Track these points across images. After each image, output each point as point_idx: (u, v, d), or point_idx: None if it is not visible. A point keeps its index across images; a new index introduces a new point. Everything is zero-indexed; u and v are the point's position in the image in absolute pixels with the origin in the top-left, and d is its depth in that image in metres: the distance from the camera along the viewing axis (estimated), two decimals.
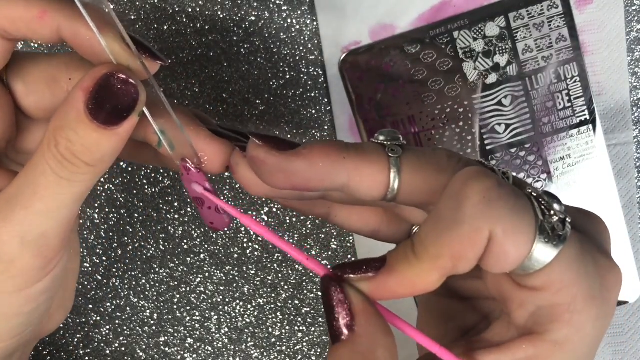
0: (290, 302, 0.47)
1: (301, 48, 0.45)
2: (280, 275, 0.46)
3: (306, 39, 0.45)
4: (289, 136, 0.46)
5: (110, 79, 0.24)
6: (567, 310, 0.23)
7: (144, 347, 0.47)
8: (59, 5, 0.25)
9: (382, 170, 0.24)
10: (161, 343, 0.47)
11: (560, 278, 0.23)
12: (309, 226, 0.46)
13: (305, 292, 0.47)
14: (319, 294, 0.47)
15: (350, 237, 0.46)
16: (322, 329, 0.47)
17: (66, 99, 0.24)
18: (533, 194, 0.24)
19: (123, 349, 0.47)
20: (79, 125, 0.24)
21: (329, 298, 0.24)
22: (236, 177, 0.26)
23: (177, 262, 0.46)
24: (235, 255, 0.46)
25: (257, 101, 0.45)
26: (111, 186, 0.46)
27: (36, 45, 0.45)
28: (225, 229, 0.46)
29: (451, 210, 0.22)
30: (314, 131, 0.45)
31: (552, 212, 0.23)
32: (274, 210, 0.46)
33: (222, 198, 0.46)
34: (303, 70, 0.45)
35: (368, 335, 0.23)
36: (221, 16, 0.44)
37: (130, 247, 0.46)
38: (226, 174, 0.39)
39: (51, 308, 0.30)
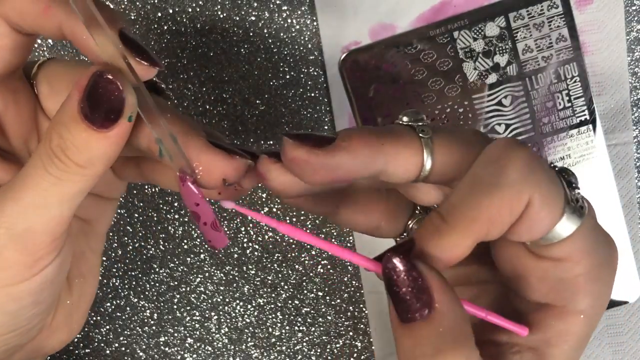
0: (290, 302, 0.47)
1: (301, 48, 0.45)
2: (280, 275, 0.46)
3: (306, 39, 0.45)
4: None
5: (99, 79, 0.23)
6: (587, 279, 0.24)
7: (144, 347, 0.47)
8: (62, 2, 0.25)
9: (417, 152, 0.24)
10: (161, 343, 0.47)
11: (580, 248, 0.24)
12: (309, 226, 0.46)
13: (305, 292, 0.47)
14: (319, 294, 0.47)
15: (350, 237, 0.46)
16: (322, 329, 0.47)
17: (66, 97, 0.24)
18: (556, 167, 0.25)
19: (123, 349, 0.47)
20: (72, 123, 0.23)
21: (400, 276, 0.23)
22: (270, 184, 0.25)
23: (177, 262, 0.46)
24: (235, 255, 0.46)
25: (257, 101, 0.45)
26: None
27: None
28: (226, 236, 0.46)
29: (492, 174, 0.23)
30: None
31: (574, 186, 0.24)
32: (274, 210, 0.46)
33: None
34: (303, 70, 0.45)
35: (451, 310, 0.22)
36: (221, 16, 0.44)
37: (130, 247, 0.46)
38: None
39: (48, 322, 0.30)
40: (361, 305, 0.46)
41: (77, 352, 0.47)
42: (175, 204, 0.46)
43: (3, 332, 0.27)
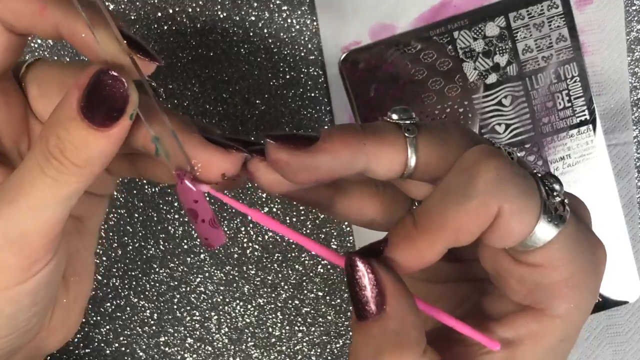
0: (290, 302, 0.47)
1: (301, 48, 0.45)
2: (280, 275, 0.46)
3: (306, 39, 0.45)
4: None
5: (102, 77, 0.23)
6: (565, 285, 0.24)
7: (144, 347, 0.47)
8: (59, 1, 0.25)
9: (401, 151, 0.24)
10: (161, 343, 0.47)
11: (558, 256, 0.24)
12: (309, 226, 0.46)
13: (305, 292, 0.47)
14: (319, 294, 0.47)
15: (350, 237, 0.46)
16: (322, 329, 0.47)
17: (63, 97, 0.24)
18: (538, 174, 0.25)
19: (123, 349, 0.47)
20: (70, 122, 0.23)
21: (357, 275, 0.24)
22: (258, 182, 0.26)
23: (177, 262, 0.46)
24: (235, 255, 0.46)
25: (257, 101, 0.45)
26: None
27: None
28: (224, 231, 0.46)
29: (462, 184, 0.23)
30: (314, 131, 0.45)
31: (555, 193, 0.24)
32: (274, 210, 0.46)
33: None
34: (303, 70, 0.45)
35: (399, 314, 0.23)
36: (221, 16, 0.44)
37: (130, 247, 0.46)
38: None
39: (46, 322, 0.30)
40: None
41: (77, 352, 0.47)
42: (175, 204, 0.46)
43: (2, 334, 0.27)
